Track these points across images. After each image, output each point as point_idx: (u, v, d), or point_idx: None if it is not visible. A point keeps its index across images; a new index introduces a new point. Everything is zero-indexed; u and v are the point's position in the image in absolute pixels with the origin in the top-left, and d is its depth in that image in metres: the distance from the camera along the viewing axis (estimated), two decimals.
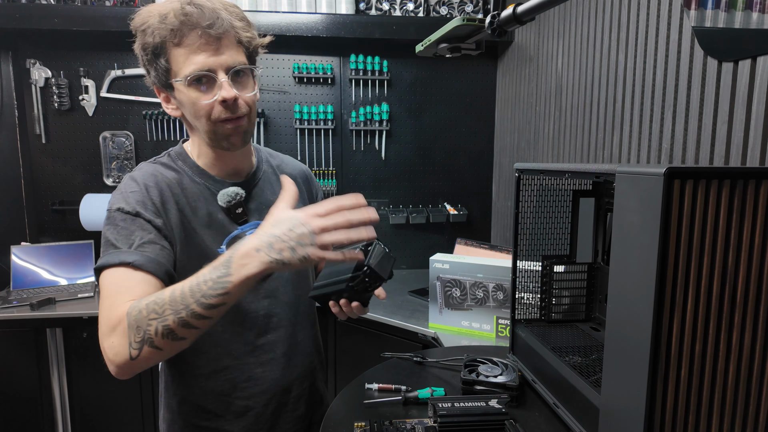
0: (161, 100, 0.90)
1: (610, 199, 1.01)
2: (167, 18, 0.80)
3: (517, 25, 0.73)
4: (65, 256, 2.17)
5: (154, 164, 0.91)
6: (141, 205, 0.83)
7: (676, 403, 0.59)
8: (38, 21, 2.00)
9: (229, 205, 0.90)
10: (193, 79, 0.81)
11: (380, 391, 0.97)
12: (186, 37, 0.80)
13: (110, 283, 0.77)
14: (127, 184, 0.86)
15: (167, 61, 0.82)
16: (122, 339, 0.71)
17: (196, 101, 0.83)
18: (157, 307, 0.69)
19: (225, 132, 0.86)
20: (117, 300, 0.74)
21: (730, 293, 0.58)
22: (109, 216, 0.83)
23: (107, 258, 0.79)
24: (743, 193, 0.57)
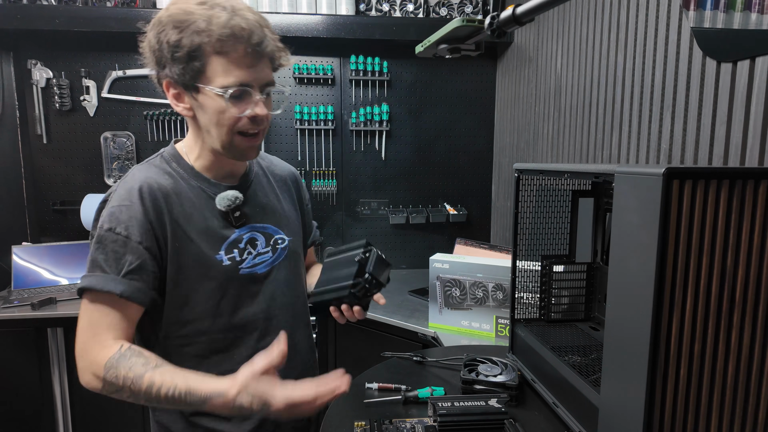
0: (170, 96, 0.86)
1: (610, 199, 1.01)
2: (214, 24, 0.78)
3: (517, 26, 0.73)
4: (66, 256, 2.17)
5: (147, 170, 0.88)
6: (133, 224, 0.81)
7: (675, 403, 0.59)
8: (39, 22, 2.00)
9: (228, 209, 0.89)
10: (233, 93, 0.81)
11: (380, 391, 0.97)
12: (232, 49, 0.79)
13: (95, 310, 0.80)
14: (120, 196, 0.83)
15: (203, 65, 0.80)
16: (96, 383, 0.78)
17: (225, 111, 0.82)
18: (133, 386, 0.75)
19: (242, 146, 0.87)
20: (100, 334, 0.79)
21: (729, 293, 0.58)
22: (99, 235, 0.81)
23: (94, 281, 0.79)
24: (742, 194, 0.57)
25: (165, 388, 0.75)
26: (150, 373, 0.76)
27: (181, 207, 0.87)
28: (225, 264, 0.89)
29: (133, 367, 0.76)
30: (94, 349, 0.78)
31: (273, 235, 0.97)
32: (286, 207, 1.04)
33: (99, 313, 0.79)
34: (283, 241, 0.99)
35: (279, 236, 0.98)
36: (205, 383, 0.75)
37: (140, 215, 0.82)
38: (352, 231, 2.52)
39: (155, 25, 0.81)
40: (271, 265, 0.96)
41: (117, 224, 0.81)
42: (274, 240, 0.97)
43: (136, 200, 0.82)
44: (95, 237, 0.82)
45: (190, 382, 0.75)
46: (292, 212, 1.06)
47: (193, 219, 0.87)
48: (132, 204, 0.82)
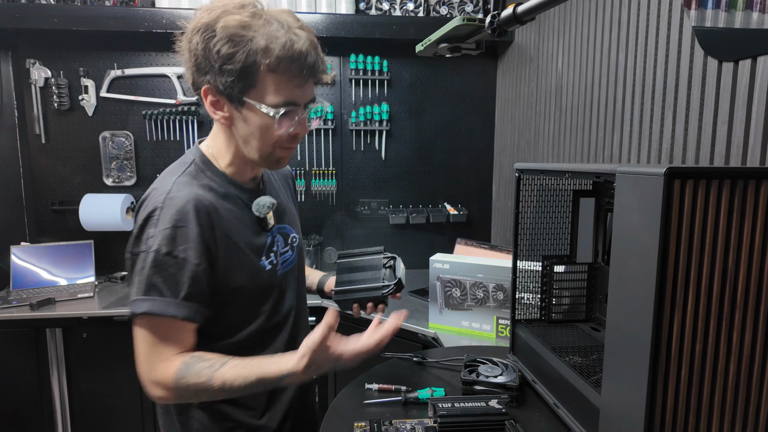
0: (208, 103, 0.84)
1: (611, 199, 1.01)
2: (274, 43, 0.77)
3: (517, 25, 0.73)
4: (65, 256, 2.17)
5: (189, 184, 0.85)
6: (190, 246, 0.80)
7: (676, 404, 0.59)
8: (38, 21, 2.00)
9: (264, 215, 0.91)
10: (284, 114, 0.81)
11: (380, 392, 0.97)
12: (286, 68, 0.79)
13: (155, 333, 0.81)
14: (172, 216, 0.80)
15: (255, 81, 0.79)
16: (168, 394, 0.81)
17: (270, 128, 0.82)
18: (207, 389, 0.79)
19: (280, 156, 0.88)
20: (163, 353, 0.81)
21: (730, 293, 0.58)
22: (155, 258, 0.78)
23: (155, 306, 0.79)
24: (743, 193, 0.57)
25: (237, 382, 0.79)
26: (219, 374, 0.79)
27: (229, 221, 0.86)
28: (267, 269, 0.91)
29: (201, 372, 0.79)
30: (159, 366, 0.81)
31: (289, 234, 1.00)
32: (290, 204, 1.07)
33: (160, 336, 0.81)
34: (296, 240, 1.03)
35: (293, 235, 1.02)
36: (272, 367, 0.80)
37: (196, 236, 0.80)
38: (352, 231, 2.51)
39: (203, 31, 0.78)
40: (292, 264, 1.00)
41: (174, 247, 0.79)
42: (291, 239, 1.00)
43: (191, 221, 0.80)
44: (151, 259, 0.79)
45: (258, 370, 0.80)
46: (294, 209, 1.09)
47: (239, 231, 0.87)
48: (187, 226, 0.80)
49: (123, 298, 2.01)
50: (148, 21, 2.05)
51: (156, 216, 0.80)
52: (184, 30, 0.83)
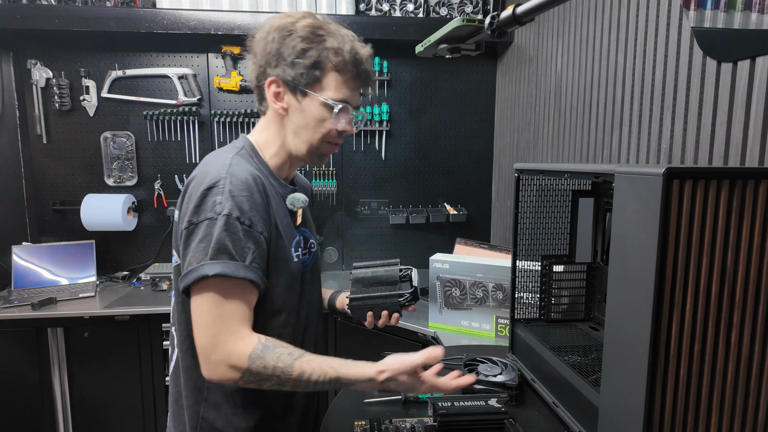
0: (270, 93, 0.91)
1: (610, 199, 1.01)
2: (346, 45, 0.89)
3: (517, 26, 0.73)
4: (66, 256, 2.17)
5: (247, 162, 0.89)
6: (255, 214, 0.83)
7: (675, 402, 0.60)
8: (39, 21, 2.00)
9: (297, 210, 0.95)
10: (341, 108, 0.90)
11: (380, 391, 0.97)
12: (349, 71, 0.90)
13: (228, 301, 0.79)
14: (236, 185, 0.82)
15: (321, 75, 0.89)
16: (235, 374, 0.78)
17: (325, 121, 0.90)
18: (283, 375, 0.78)
19: (325, 151, 0.95)
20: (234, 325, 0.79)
21: (729, 293, 0.58)
22: (226, 222, 0.79)
23: (227, 268, 0.78)
24: (742, 193, 0.57)
25: (315, 376, 0.79)
26: (298, 363, 0.79)
27: (274, 204, 0.90)
28: (295, 260, 0.94)
29: (281, 357, 0.79)
30: (229, 340, 0.78)
31: (309, 239, 1.03)
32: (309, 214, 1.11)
33: (230, 305, 0.79)
34: (314, 245, 1.05)
35: (311, 240, 1.04)
36: (353, 370, 0.81)
37: (261, 207, 0.84)
38: (352, 231, 2.52)
39: (281, 30, 0.89)
40: (309, 266, 1.01)
41: (243, 213, 0.81)
42: (309, 243, 1.03)
43: (254, 191, 0.84)
44: (222, 223, 0.79)
45: (338, 370, 0.81)
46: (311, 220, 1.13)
47: (279, 216, 0.91)
48: (252, 195, 0.83)
49: (124, 297, 2.02)
50: (149, 22, 2.05)
51: (221, 185, 0.81)
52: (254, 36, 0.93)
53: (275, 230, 0.88)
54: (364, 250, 2.53)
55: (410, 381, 0.83)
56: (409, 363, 0.82)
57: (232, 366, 0.77)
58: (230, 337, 0.78)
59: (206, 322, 0.78)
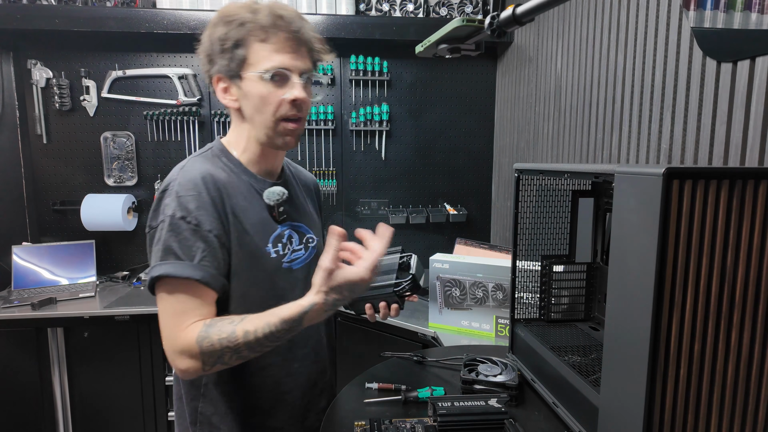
0: (219, 90, 0.91)
1: (610, 199, 1.01)
2: (259, 14, 0.85)
3: (517, 26, 0.73)
4: (66, 256, 2.17)
5: (203, 162, 0.90)
6: (202, 213, 0.83)
7: (675, 403, 0.60)
8: (39, 22, 2.00)
9: (275, 204, 0.93)
10: (272, 75, 0.86)
11: (380, 391, 0.97)
12: (273, 35, 0.86)
13: (177, 299, 0.81)
14: (184, 185, 0.84)
15: (246, 52, 0.86)
16: (195, 362, 0.79)
17: (267, 95, 0.87)
18: (231, 344, 0.78)
19: (285, 130, 0.90)
20: (185, 320, 0.81)
21: (729, 293, 0.58)
22: (172, 223, 0.82)
23: (172, 268, 0.80)
24: (742, 193, 0.57)
25: (260, 329, 0.79)
26: (240, 326, 0.79)
27: (236, 200, 0.90)
28: (272, 256, 0.93)
29: (222, 328, 0.79)
30: (181, 335, 0.80)
31: (305, 233, 1.01)
32: (312, 210, 1.09)
33: (181, 302, 0.81)
34: (313, 241, 1.03)
35: (310, 235, 1.02)
36: (293, 308, 0.80)
37: (208, 205, 0.84)
38: (353, 231, 2.51)
39: (207, 27, 0.89)
40: (303, 263, 1.00)
41: (188, 213, 0.82)
42: (306, 239, 1.01)
43: (202, 190, 0.84)
44: (167, 224, 0.82)
45: (279, 314, 0.80)
46: (316, 216, 1.10)
47: (247, 212, 0.90)
48: (199, 194, 0.84)
49: (124, 297, 2.02)
50: (149, 22, 2.05)
51: (171, 188, 0.85)
52: None
53: (238, 226, 0.88)
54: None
55: (345, 276, 0.80)
56: (326, 262, 0.79)
57: (188, 356, 0.79)
58: (182, 332, 0.80)
59: (164, 322, 0.82)
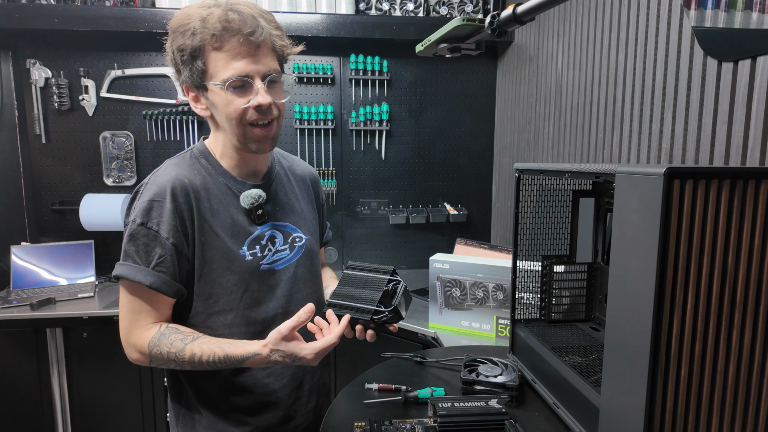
0: (190, 99, 0.91)
1: (610, 199, 1.01)
2: (208, 22, 0.81)
3: (517, 25, 0.73)
4: (65, 256, 2.17)
5: (178, 166, 0.92)
6: (163, 221, 0.85)
7: (676, 403, 0.59)
8: (38, 21, 2.00)
9: (252, 207, 0.93)
10: (231, 84, 0.83)
11: (380, 391, 0.97)
12: (227, 42, 0.82)
13: (132, 299, 0.88)
14: (152, 191, 0.87)
15: (204, 63, 0.84)
16: (143, 359, 0.88)
17: (230, 104, 0.85)
18: (177, 359, 0.85)
19: (255, 136, 0.88)
20: (139, 319, 0.88)
21: (730, 293, 0.58)
22: (131, 228, 0.86)
23: (126, 270, 0.86)
24: (743, 193, 0.57)
25: (205, 356, 0.85)
26: (189, 346, 0.85)
27: (209, 203, 0.90)
28: (247, 259, 0.92)
29: (174, 343, 0.85)
30: (135, 332, 0.87)
31: (291, 233, 1.00)
32: (305, 206, 1.07)
33: (136, 302, 0.87)
34: (301, 240, 1.02)
35: (297, 234, 1.01)
36: (240, 348, 0.85)
37: (170, 213, 0.86)
38: (352, 231, 2.51)
39: (169, 36, 0.87)
40: (288, 263, 0.99)
41: (148, 219, 0.85)
42: (292, 238, 1.00)
43: (167, 197, 0.86)
44: (129, 228, 0.86)
45: (226, 349, 0.85)
46: (310, 212, 1.08)
47: (219, 215, 0.91)
48: (163, 200, 0.86)
49: None
50: (148, 21, 2.05)
51: (141, 191, 0.88)
52: None
53: (207, 231, 0.89)
54: (364, 250, 2.53)
55: (292, 348, 0.83)
56: (285, 327, 0.83)
57: (139, 352, 0.87)
58: (137, 329, 0.87)
59: (122, 314, 0.89)
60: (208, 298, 0.91)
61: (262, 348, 0.84)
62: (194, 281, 0.90)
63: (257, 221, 0.94)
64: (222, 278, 0.90)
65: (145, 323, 0.87)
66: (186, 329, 0.89)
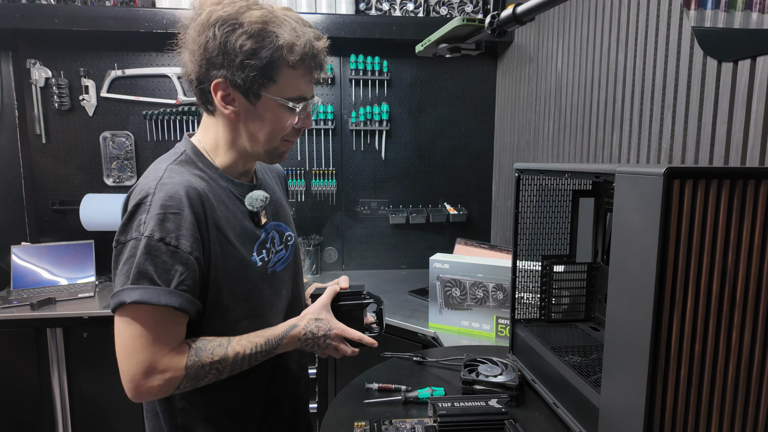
0: (218, 98, 0.82)
1: (610, 199, 1.01)
2: (297, 42, 0.81)
3: (517, 25, 0.73)
4: (65, 256, 2.17)
5: (182, 172, 0.84)
6: (183, 234, 0.77)
7: (675, 403, 0.59)
8: (38, 21, 2.00)
9: (259, 210, 0.91)
10: (297, 103, 0.85)
11: (380, 391, 0.97)
12: (303, 66, 0.84)
13: (153, 328, 0.76)
14: (164, 202, 0.77)
15: (276, 76, 0.82)
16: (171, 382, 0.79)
17: (284, 120, 0.86)
18: (220, 365, 0.82)
19: (283, 150, 0.91)
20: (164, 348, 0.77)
21: (729, 293, 0.58)
22: (147, 244, 0.75)
23: (148, 295, 0.74)
24: (743, 193, 0.57)
25: (248, 350, 0.84)
26: (231, 348, 0.83)
27: (220, 211, 0.85)
28: (258, 265, 0.90)
29: (214, 351, 0.82)
30: (163, 360, 0.77)
31: (284, 232, 0.99)
32: (285, 203, 1.07)
33: (160, 329, 0.77)
34: (291, 238, 1.02)
35: (288, 233, 1.01)
36: (277, 328, 0.89)
37: (189, 224, 0.78)
38: (352, 231, 2.51)
39: (221, 25, 0.78)
40: (286, 262, 0.98)
41: (167, 233, 0.76)
42: (285, 237, 0.99)
43: (185, 207, 0.78)
44: (143, 245, 0.75)
45: (264, 334, 0.87)
46: (288, 207, 1.08)
47: (230, 223, 0.86)
48: (181, 212, 0.78)
49: None
50: (148, 21, 2.05)
51: (148, 202, 0.77)
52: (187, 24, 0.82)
53: (222, 241, 0.84)
54: (363, 250, 2.53)
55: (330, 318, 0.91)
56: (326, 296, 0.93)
57: (169, 379, 0.78)
58: (163, 358, 0.77)
59: (135, 348, 0.76)
60: (225, 309, 0.86)
61: (299, 318, 0.89)
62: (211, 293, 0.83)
63: (260, 224, 0.92)
64: (238, 287, 0.87)
65: (170, 349, 0.78)
66: (213, 337, 0.84)
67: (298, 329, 0.89)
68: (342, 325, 0.92)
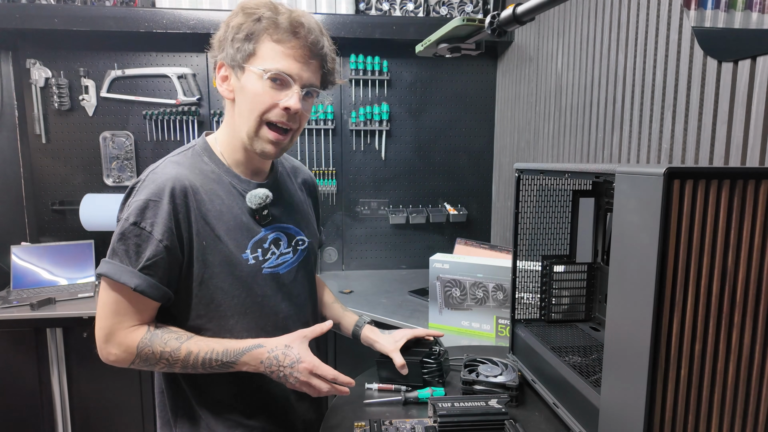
0: (218, 78, 0.89)
1: (610, 199, 1.01)
2: (280, 15, 0.84)
3: (517, 26, 0.73)
4: (65, 256, 2.17)
5: (179, 165, 0.88)
6: (158, 221, 0.82)
7: (675, 403, 0.59)
8: (38, 21, 2.00)
9: (258, 207, 0.90)
10: (271, 76, 0.84)
11: (380, 391, 0.97)
12: (288, 41, 0.84)
13: (115, 300, 0.84)
14: (149, 190, 0.83)
15: (255, 46, 0.84)
16: (125, 358, 0.84)
17: (262, 94, 0.84)
18: (170, 357, 0.83)
19: (267, 138, 0.87)
20: (122, 321, 0.84)
21: (729, 293, 0.58)
22: (122, 226, 0.82)
23: (112, 270, 0.82)
24: (743, 193, 0.57)
25: (203, 353, 0.84)
26: (186, 344, 0.84)
27: (211, 205, 0.87)
28: (250, 263, 0.90)
29: (168, 341, 0.83)
30: (119, 333, 0.84)
31: (295, 235, 0.98)
32: (307, 208, 1.06)
33: (121, 304, 0.83)
34: (304, 243, 1.00)
35: (300, 237, 1.00)
36: (241, 342, 0.85)
37: (166, 214, 0.82)
38: (352, 231, 2.51)
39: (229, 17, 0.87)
40: (291, 266, 0.97)
41: (142, 219, 0.82)
42: (296, 241, 0.98)
43: (165, 198, 0.83)
44: (120, 226, 0.83)
45: (226, 344, 0.85)
46: (311, 214, 1.07)
47: (222, 217, 0.88)
48: (160, 201, 0.82)
49: None
50: (148, 21, 2.05)
51: (137, 188, 0.85)
52: None
53: (209, 234, 0.86)
54: (363, 250, 2.53)
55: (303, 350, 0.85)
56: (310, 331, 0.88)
57: (121, 351, 0.83)
58: (121, 331, 0.83)
59: (103, 313, 0.84)
60: (209, 303, 0.88)
61: (266, 340, 0.85)
62: (195, 285, 0.87)
63: (261, 222, 0.92)
64: (224, 283, 0.88)
65: (128, 325, 0.84)
66: (177, 329, 0.86)
67: (261, 350, 0.84)
68: (315, 360, 0.85)
